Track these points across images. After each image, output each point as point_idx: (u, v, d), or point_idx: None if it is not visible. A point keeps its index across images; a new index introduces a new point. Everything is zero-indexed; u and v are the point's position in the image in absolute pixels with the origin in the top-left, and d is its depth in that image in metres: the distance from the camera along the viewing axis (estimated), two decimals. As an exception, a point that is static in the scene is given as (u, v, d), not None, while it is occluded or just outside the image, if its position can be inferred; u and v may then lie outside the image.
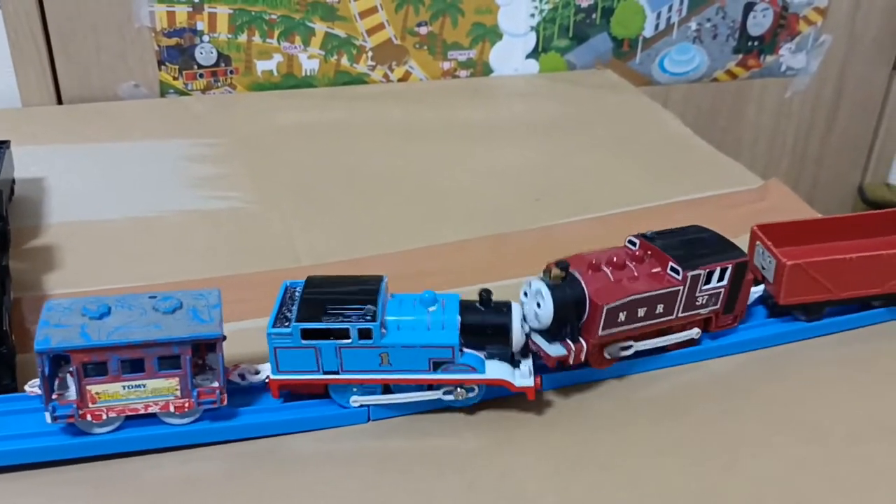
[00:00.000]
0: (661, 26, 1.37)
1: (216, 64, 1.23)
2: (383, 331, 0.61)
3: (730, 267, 0.67)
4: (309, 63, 1.26)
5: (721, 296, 0.68)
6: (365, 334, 0.60)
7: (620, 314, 0.64)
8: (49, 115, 1.17)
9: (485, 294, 0.63)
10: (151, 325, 0.59)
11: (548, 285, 0.63)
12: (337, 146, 1.10)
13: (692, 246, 0.67)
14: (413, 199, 0.98)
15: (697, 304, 0.67)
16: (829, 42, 1.47)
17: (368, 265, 0.85)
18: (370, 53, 1.28)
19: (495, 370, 0.62)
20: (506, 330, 0.62)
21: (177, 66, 1.22)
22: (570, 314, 0.63)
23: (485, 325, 0.62)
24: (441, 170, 1.05)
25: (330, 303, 0.61)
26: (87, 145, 1.07)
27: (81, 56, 1.18)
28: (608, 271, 0.65)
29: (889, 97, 1.57)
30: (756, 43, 1.43)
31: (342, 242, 0.88)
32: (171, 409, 0.60)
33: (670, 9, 1.36)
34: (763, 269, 0.72)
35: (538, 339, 0.64)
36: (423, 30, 1.28)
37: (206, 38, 1.21)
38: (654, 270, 0.66)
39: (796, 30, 1.44)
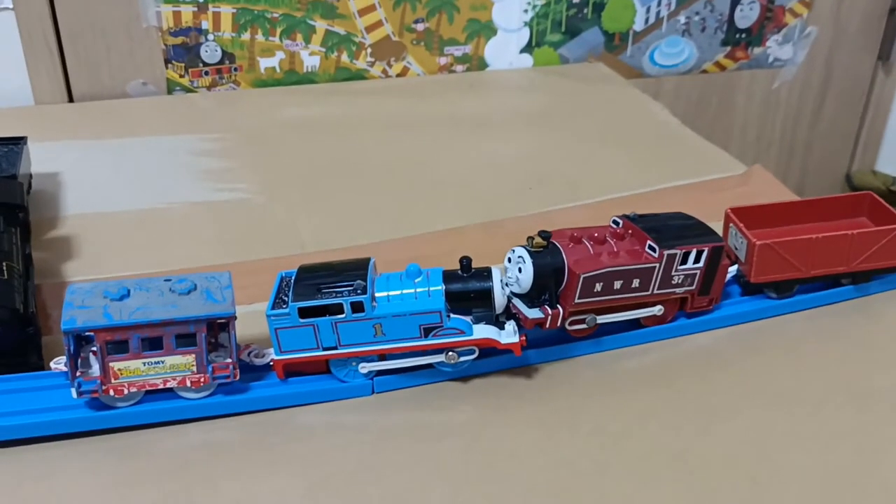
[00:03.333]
0: (651, 20, 1.42)
1: (221, 62, 1.28)
2: (374, 304, 0.65)
3: (706, 250, 0.71)
4: (310, 60, 1.31)
5: (697, 277, 0.72)
6: (357, 308, 0.64)
7: (597, 284, 0.68)
8: (61, 113, 1.22)
9: (465, 261, 0.67)
10: (169, 305, 0.63)
11: (529, 252, 0.67)
12: (338, 139, 1.15)
13: (672, 229, 0.71)
14: (411, 189, 1.03)
15: (673, 282, 0.71)
16: (814, 33, 1.52)
17: (368, 251, 0.87)
18: (369, 50, 1.32)
19: (482, 331, 0.67)
20: (488, 293, 0.66)
21: (183, 65, 1.26)
22: (548, 280, 0.67)
23: (468, 290, 0.66)
24: (438, 160, 1.10)
25: (323, 283, 0.65)
26: (99, 141, 1.12)
27: (91, 55, 1.23)
28: (589, 244, 0.69)
29: (874, 86, 1.61)
30: (743, 35, 1.47)
31: (343, 230, 0.93)
32: (188, 383, 0.64)
33: (659, 3, 1.41)
34: (736, 249, 0.76)
35: (518, 303, 0.68)
36: (420, 26, 1.33)
37: (210, 36, 1.26)
38: (633, 248, 0.70)
39: (783, 22, 1.48)
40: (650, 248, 0.70)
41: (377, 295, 0.66)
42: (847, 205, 0.79)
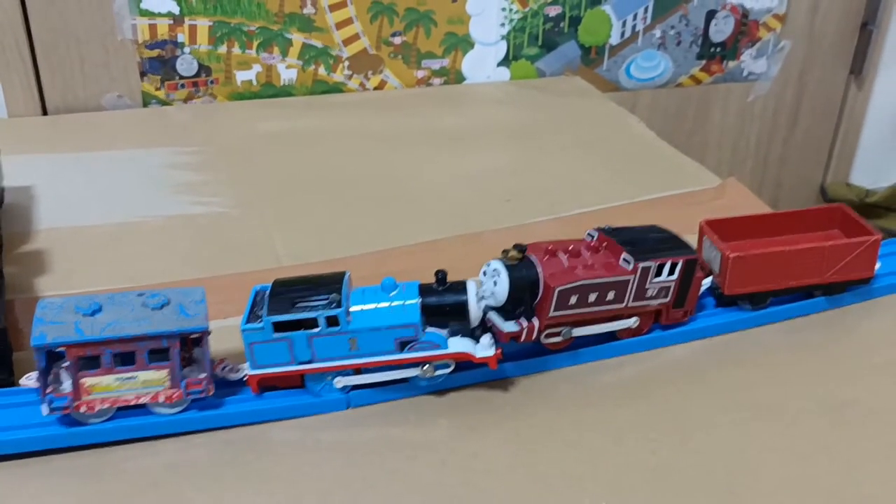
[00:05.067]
0: (627, 34, 1.43)
1: (197, 74, 1.27)
2: (349, 318, 0.65)
3: (680, 262, 0.71)
4: (287, 73, 1.30)
5: (671, 289, 0.72)
6: (332, 322, 0.64)
7: (572, 297, 0.68)
8: (35, 126, 1.20)
9: (440, 275, 0.67)
10: (141, 320, 0.62)
11: (505, 265, 0.67)
12: (314, 152, 1.14)
13: (647, 241, 0.72)
14: (388, 202, 1.02)
15: (647, 295, 0.71)
16: (788, 47, 1.53)
17: (345, 265, 0.87)
18: (346, 63, 1.32)
19: (457, 345, 0.66)
20: (463, 307, 0.66)
21: (159, 77, 1.26)
22: (524, 294, 0.67)
23: (443, 304, 0.66)
24: (415, 173, 1.09)
25: (298, 298, 0.65)
26: (73, 154, 1.11)
27: (66, 68, 1.22)
28: (564, 258, 0.69)
29: (847, 99, 1.63)
30: (718, 49, 1.49)
31: (320, 244, 0.92)
32: (161, 399, 0.64)
33: (635, 17, 1.42)
34: (710, 261, 0.77)
35: (494, 317, 0.68)
36: (398, 40, 1.33)
37: (186, 49, 1.25)
38: (608, 260, 0.70)
39: (756, 36, 1.50)
40: (625, 260, 0.70)
41: (352, 309, 0.65)
42: (819, 217, 0.80)
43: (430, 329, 0.66)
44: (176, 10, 1.22)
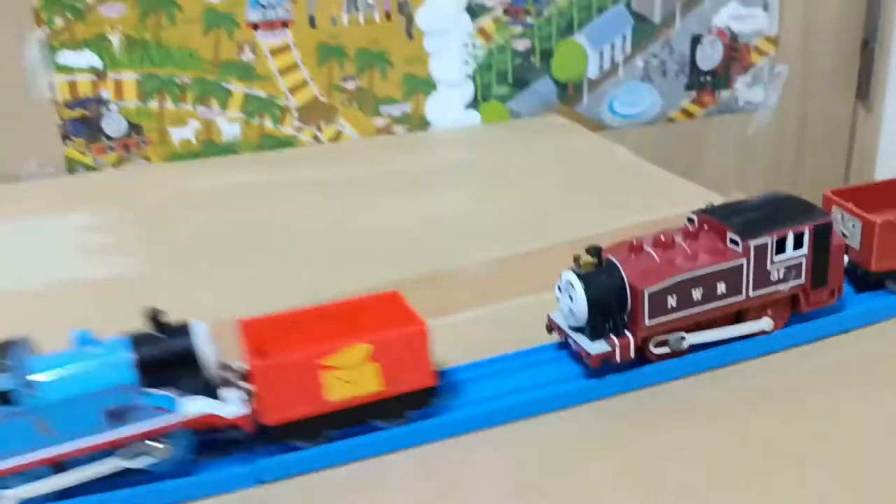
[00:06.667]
0: (606, 66, 1.30)
1: (127, 135, 1.14)
2: (31, 389, 0.48)
3: (806, 230, 0.57)
4: (229, 128, 1.17)
5: (803, 266, 0.58)
6: (4, 398, 0.47)
7: (669, 299, 0.56)
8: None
9: (155, 314, 0.52)
10: None
11: (578, 275, 0.56)
12: (255, 207, 1.00)
13: (760, 213, 0.59)
14: (336, 248, 0.87)
15: (773, 279, 0.58)
16: (785, 72, 1.40)
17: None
18: (295, 114, 1.19)
19: (194, 406, 0.50)
20: (191, 354, 0.51)
21: (83, 140, 1.12)
22: (609, 304, 0.56)
23: (165, 353, 0.51)
24: (374, 218, 0.95)
25: None
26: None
27: (-25, 135, 1.08)
28: (653, 252, 0.57)
29: (856, 127, 1.49)
30: (709, 77, 1.36)
31: (243, 298, 0.77)
32: None
33: (613, 47, 1.29)
34: (845, 236, 0.63)
35: (578, 338, 0.57)
36: (351, 84, 1.20)
37: (113, 107, 1.12)
38: (711, 245, 0.58)
39: (749, 61, 1.37)
40: (732, 241, 0.57)
41: (33, 378, 0.48)
42: None
43: (152, 392, 0.50)
44: (98, 63, 1.09)
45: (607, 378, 0.58)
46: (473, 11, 1.22)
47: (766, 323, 0.60)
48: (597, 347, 0.56)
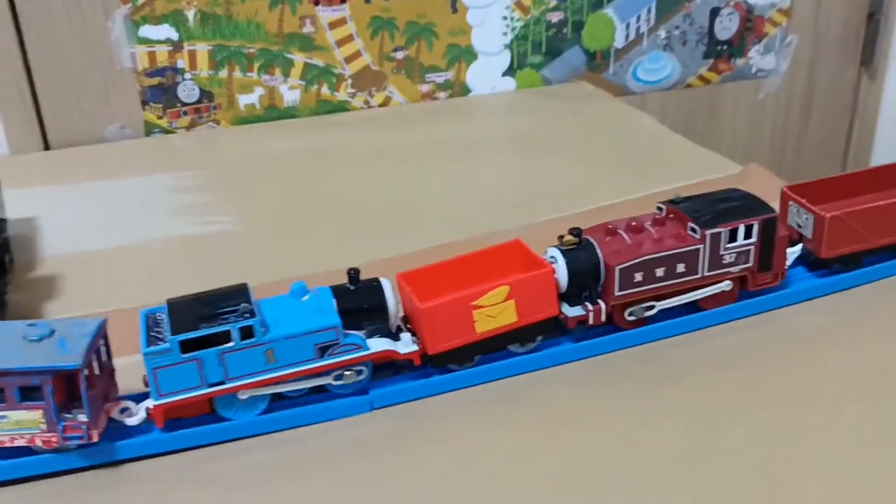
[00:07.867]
0: (632, 36, 1.41)
1: (199, 101, 1.25)
2: (263, 328, 0.60)
3: (756, 223, 0.68)
4: (290, 94, 1.29)
5: (752, 253, 0.69)
6: (247, 333, 0.60)
7: (636, 275, 0.66)
8: (37, 161, 1.18)
9: (353, 273, 0.64)
10: (15, 352, 0.56)
11: (561, 251, 0.66)
12: (319, 171, 1.12)
13: (717, 206, 0.69)
14: (394, 213, 1.00)
15: (725, 262, 0.68)
16: (795, 42, 1.51)
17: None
18: (349, 81, 1.30)
19: (378, 345, 0.64)
20: (382, 305, 0.64)
21: (160, 106, 1.24)
22: (586, 277, 0.66)
23: (361, 304, 0.64)
24: (422, 186, 1.07)
25: (201, 314, 0.60)
26: (75, 185, 1.09)
27: (66, 101, 1.20)
28: (625, 235, 0.68)
29: (860, 93, 1.60)
30: (725, 47, 1.46)
31: (326, 257, 0.89)
32: (38, 443, 0.57)
33: (639, 19, 1.40)
34: (800, 227, 0.74)
35: (561, 305, 0.67)
36: (400, 54, 1.31)
37: (187, 75, 1.23)
38: (675, 232, 0.68)
39: (763, 32, 1.48)
40: (691, 229, 0.68)
41: (264, 318, 0.61)
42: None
43: (347, 332, 0.63)
44: (175, 36, 1.21)
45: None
46: (512, -14, 1.32)
47: (726, 284, 0.70)
48: (574, 311, 0.67)
